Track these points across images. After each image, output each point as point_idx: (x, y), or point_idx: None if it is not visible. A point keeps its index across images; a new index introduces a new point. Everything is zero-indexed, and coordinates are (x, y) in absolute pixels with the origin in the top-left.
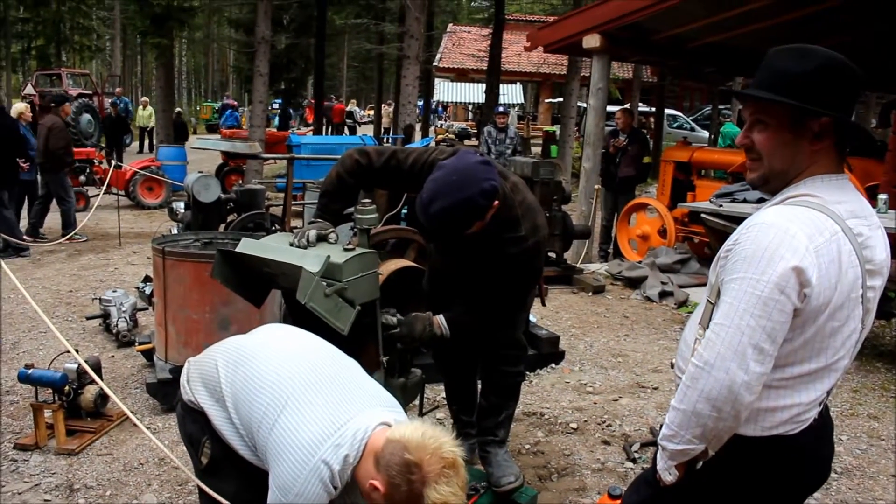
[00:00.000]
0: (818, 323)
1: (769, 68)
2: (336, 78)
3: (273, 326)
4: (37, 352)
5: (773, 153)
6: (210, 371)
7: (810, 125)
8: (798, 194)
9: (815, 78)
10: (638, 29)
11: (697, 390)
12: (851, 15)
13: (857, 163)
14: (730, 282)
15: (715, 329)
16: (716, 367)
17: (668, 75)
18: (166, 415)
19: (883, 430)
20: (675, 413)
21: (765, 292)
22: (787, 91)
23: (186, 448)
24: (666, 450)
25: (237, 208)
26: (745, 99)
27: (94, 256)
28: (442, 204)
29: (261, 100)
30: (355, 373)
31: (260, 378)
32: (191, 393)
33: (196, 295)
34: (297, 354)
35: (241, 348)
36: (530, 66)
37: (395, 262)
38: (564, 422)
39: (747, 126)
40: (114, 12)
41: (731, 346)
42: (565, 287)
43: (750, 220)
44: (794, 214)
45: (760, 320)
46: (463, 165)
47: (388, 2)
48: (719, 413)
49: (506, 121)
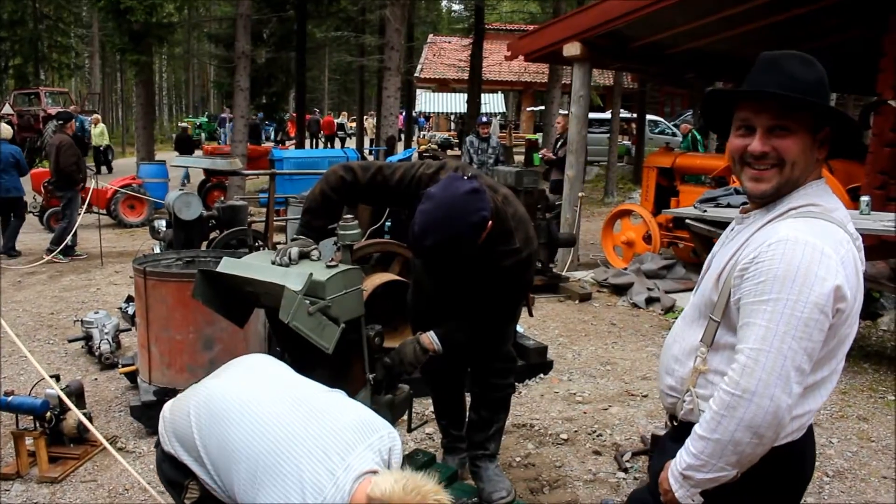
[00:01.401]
0: (840, 333)
1: (781, 72)
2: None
3: (241, 367)
4: (17, 377)
5: (797, 160)
6: (185, 430)
7: (819, 134)
8: (801, 205)
9: (820, 86)
10: (618, 36)
11: (736, 419)
12: (828, 19)
13: (839, 165)
14: (760, 303)
15: (752, 355)
16: (758, 394)
17: (648, 81)
18: (151, 437)
19: (873, 432)
20: (706, 443)
21: (804, 313)
22: (808, 97)
23: (167, 490)
24: (691, 479)
25: (219, 225)
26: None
27: (75, 277)
28: (434, 239)
29: (242, 114)
30: (333, 412)
31: (233, 448)
32: (170, 447)
33: (179, 315)
34: (268, 409)
35: (211, 405)
36: (511, 74)
37: (380, 276)
38: (555, 433)
39: (762, 133)
40: (92, 29)
41: (773, 372)
42: (552, 295)
43: (763, 236)
44: (814, 229)
45: (802, 342)
46: (452, 197)
47: (367, 14)
48: (760, 440)
49: (488, 131)
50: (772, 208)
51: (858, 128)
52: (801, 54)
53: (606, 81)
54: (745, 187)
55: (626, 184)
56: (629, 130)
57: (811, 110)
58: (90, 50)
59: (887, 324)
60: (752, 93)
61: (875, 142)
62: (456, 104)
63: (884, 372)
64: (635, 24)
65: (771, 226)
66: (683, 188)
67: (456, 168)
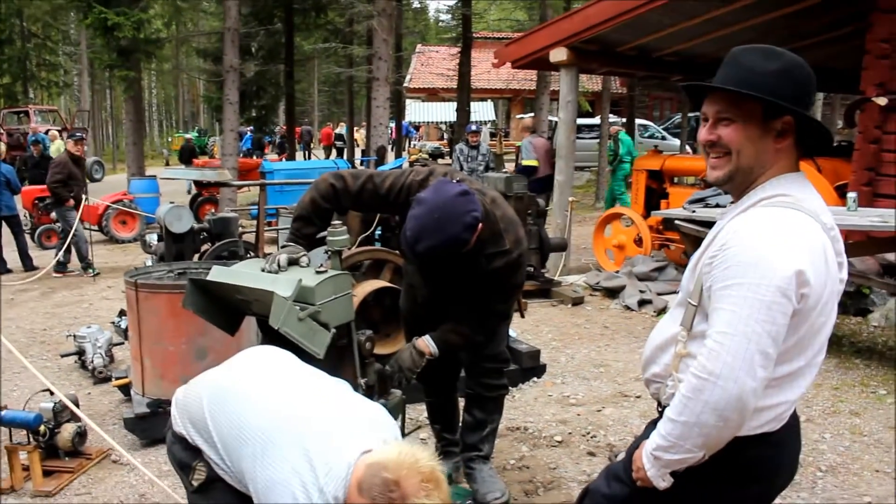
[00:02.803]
0: (810, 321)
1: (736, 65)
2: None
3: (252, 357)
4: (11, 393)
5: (741, 149)
6: (197, 412)
7: (774, 123)
8: (771, 195)
9: (780, 77)
10: (604, 41)
11: (702, 402)
12: (813, 19)
13: (826, 163)
14: (726, 288)
15: (718, 338)
16: (723, 376)
17: (636, 86)
18: (145, 450)
19: (865, 427)
20: (674, 425)
21: (767, 296)
22: (756, 88)
23: (176, 471)
24: (661, 459)
25: (211, 237)
26: (713, 92)
27: (68, 293)
28: (428, 243)
29: (232, 128)
30: (338, 397)
31: (243, 427)
32: (182, 428)
33: (171, 326)
34: (277, 392)
35: (223, 390)
36: (500, 82)
37: (371, 284)
38: (549, 435)
39: (711, 123)
40: (80, 47)
41: (738, 355)
42: (544, 300)
43: (734, 225)
44: (780, 216)
45: (766, 325)
46: (442, 200)
47: (355, 25)
48: (726, 422)
49: (478, 139)
50: (745, 199)
51: (813, 119)
52: (766, 47)
53: (595, 86)
54: (707, 174)
55: None
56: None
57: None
58: (79, 67)
59: (878, 320)
60: (694, 86)
61: (861, 139)
62: (445, 113)
63: (875, 367)
64: (620, 28)
65: (741, 215)
66: (673, 190)
67: (444, 174)
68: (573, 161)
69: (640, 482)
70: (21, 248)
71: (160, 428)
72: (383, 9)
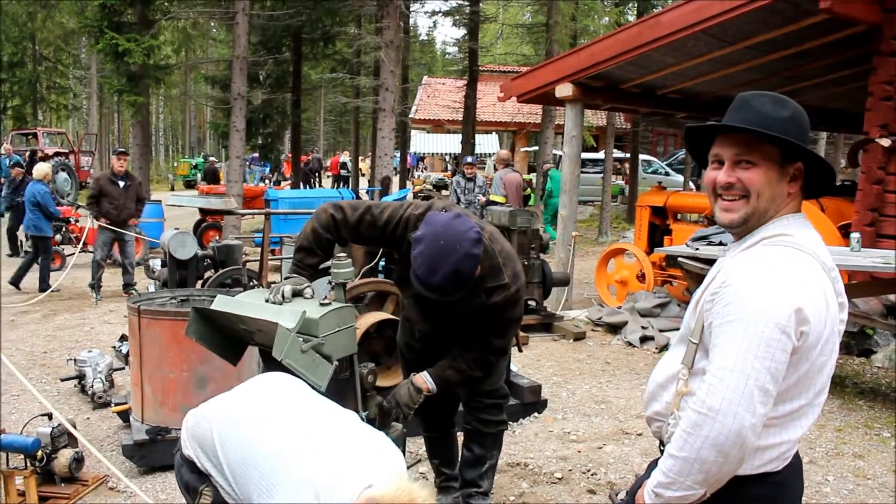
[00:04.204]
0: (811, 359)
1: (749, 109)
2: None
3: (262, 384)
4: (9, 415)
5: (761, 191)
6: (206, 437)
7: (788, 168)
8: (772, 234)
9: (791, 123)
10: (609, 77)
11: (701, 437)
12: (815, 60)
13: (830, 203)
14: (726, 325)
15: (717, 374)
16: (722, 412)
17: (641, 121)
18: (142, 477)
19: (869, 469)
20: (674, 461)
21: (766, 333)
22: (775, 133)
23: (182, 494)
24: (661, 496)
25: (214, 264)
26: (729, 134)
27: (69, 316)
28: (446, 270)
29: (237, 155)
30: (346, 428)
31: (252, 455)
32: (191, 451)
33: (172, 353)
34: (287, 422)
35: (233, 416)
36: (505, 115)
37: (374, 315)
38: (549, 471)
39: (729, 165)
40: (90, 71)
41: (737, 390)
42: (546, 335)
43: (734, 263)
44: (780, 255)
45: (765, 361)
46: (441, 227)
47: (363, 56)
48: (725, 458)
49: (473, 171)
50: (746, 239)
51: (826, 163)
52: (774, 94)
53: (599, 122)
54: (716, 217)
55: (619, 223)
56: (622, 170)
57: (772, 143)
58: (88, 91)
59: (881, 360)
60: (720, 127)
61: (864, 179)
62: (450, 145)
63: (879, 409)
64: (626, 65)
65: (742, 254)
66: (676, 227)
67: (442, 208)
68: (577, 195)
69: None
70: (42, 268)
71: (159, 455)
72: (391, 40)
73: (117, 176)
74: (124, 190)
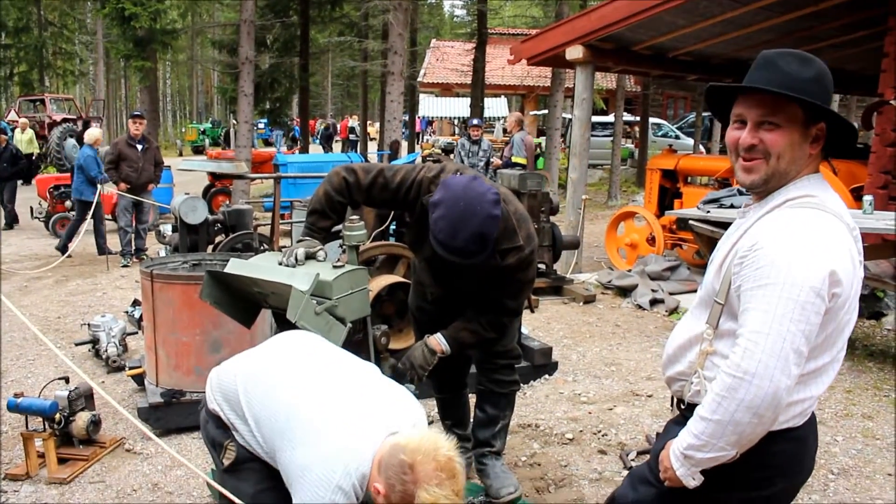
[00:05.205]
0: (838, 318)
1: (775, 69)
2: (321, 96)
3: (285, 340)
4: (25, 380)
5: (783, 153)
6: (231, 390)
7: (811, 129)
8: (798, 196)
9: (816, 84)
10: (620, 39)
11: (736, 400)
12: (830, 21)
13: (842, 165)
14: (759, 288)
15: (752, 338)
16: (758, 375)
17: (651, 84)
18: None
19: (878, 430)
20: (707, 423)
21: (801, 297)
22: (798, 94)
23: (208, 449)
24: (692, 458)
25: (225, 229)
26: (753, 94)
27: (81, 282)
28: (468, 232)
29: (246, 119)
30: (368, 380)
31: (277, 408)
32: (216, 404)
33: (186, 317)
34: (310, 375)
35: (257, 370)
36: (514, 78)
37: (385, 278)
38: (560, 433)
39: (752, 126)
40: (96, 36)
41: (773, 353)
42: (556, 298)
43: (763, 225)
44: (810, 217)
45: (800, 325)
46: (460, 190)
47: (371, 19)
48: (760, 420)
49: (479, 133)
50: (769, 200)
51: (850, 125)
52: (799, 52)
53: (609, 84)
54: (737, 177)
55: (629, 186)
56: (632, 133)
57: (797, 104)
58: (94, 56)
59: (891, 323)
60: (744, 88)
61: (877, 142)
62: (459, 108)
63: (888, 371)
64: (636, 27)
65: (769, 216)
66: (687, 190)
67: (455, 170)
68: (587, 159)
69: (668, 482)
70: (70, 229)
71: (174, 418)
72: (399, 3)
73: (134, 139)
74: (142, 153)
